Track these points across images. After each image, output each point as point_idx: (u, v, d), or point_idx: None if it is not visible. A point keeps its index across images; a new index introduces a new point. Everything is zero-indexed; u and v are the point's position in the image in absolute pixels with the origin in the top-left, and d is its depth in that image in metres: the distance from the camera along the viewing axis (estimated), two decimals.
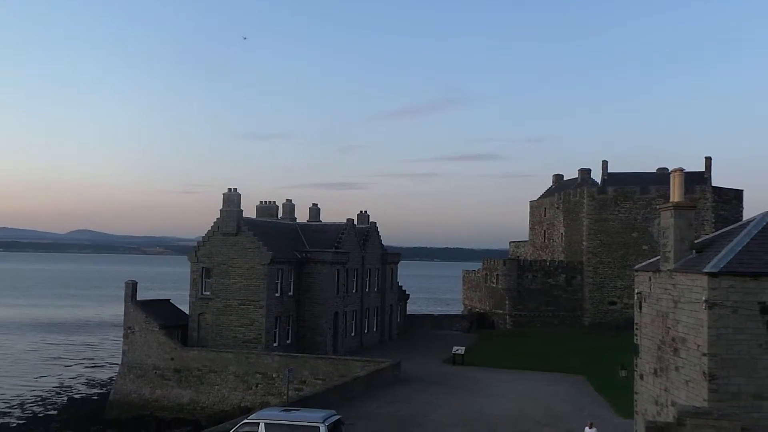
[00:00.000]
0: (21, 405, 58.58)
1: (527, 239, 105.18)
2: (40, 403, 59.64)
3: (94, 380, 70.59)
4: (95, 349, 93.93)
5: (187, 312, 58.48)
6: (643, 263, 27.69)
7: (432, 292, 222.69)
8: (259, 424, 27.51)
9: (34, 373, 74.22)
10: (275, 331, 56.98)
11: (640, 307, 26.39)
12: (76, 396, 62.17)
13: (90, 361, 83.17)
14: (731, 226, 24.91)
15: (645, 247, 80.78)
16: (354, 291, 66.79)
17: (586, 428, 31.22)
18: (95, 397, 61.21)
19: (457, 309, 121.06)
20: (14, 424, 52.06)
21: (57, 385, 67.88)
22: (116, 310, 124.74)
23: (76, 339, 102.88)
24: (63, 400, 60.22)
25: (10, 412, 56.21)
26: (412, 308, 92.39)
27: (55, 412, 55.79)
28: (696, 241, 23.98)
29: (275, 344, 56.51)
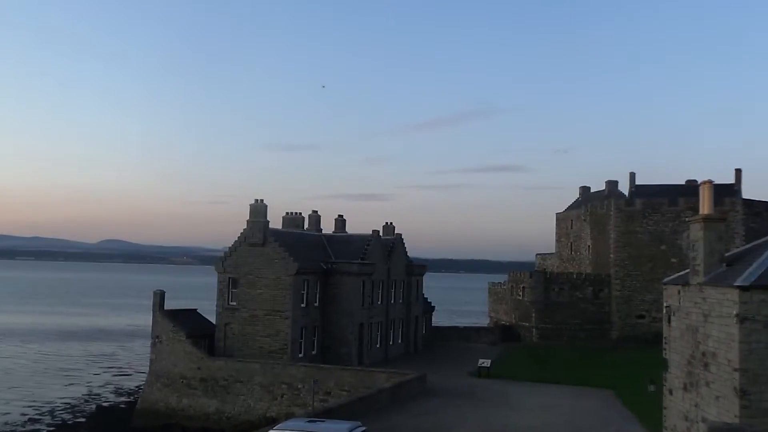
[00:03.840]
0: (51, 412, 59.35)
1: (554, 251, 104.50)
2: (69, 410, 60.38)
3: (121, 388, 71.32)
4: (123, 357, 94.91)
5: (214, 322, 58.91)
6: (672, 276, 27.41)
7: (458, 305, 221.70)
8: None
9: (63, 380, 75.19)
10: (301, 342, 57.14)
11: (669, 321, 26.10)
12: (104, 404, 62.84)
13: (118, 370, 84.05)
14: (762, 240, 24.58)
15: (674, 260, 79.76)
16: (379, 302, 66.80)
17: None
18: (123, 406, 61.82)
19: (482, 321, 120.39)
20: (44, 431, 52.78)
21: (86, 392, 68.68)
22: (143, 320, 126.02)
23: (103, 347, 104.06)
24: (91, 408, 60.91)
25: (40, 419, 56.98)
26: (437, 320, 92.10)
27: (83, 420, 56.49)
28: (726, 255, 23.71)
29: (301, 355, 56.67)
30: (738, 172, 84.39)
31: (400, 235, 73.74)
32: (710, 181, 24.30)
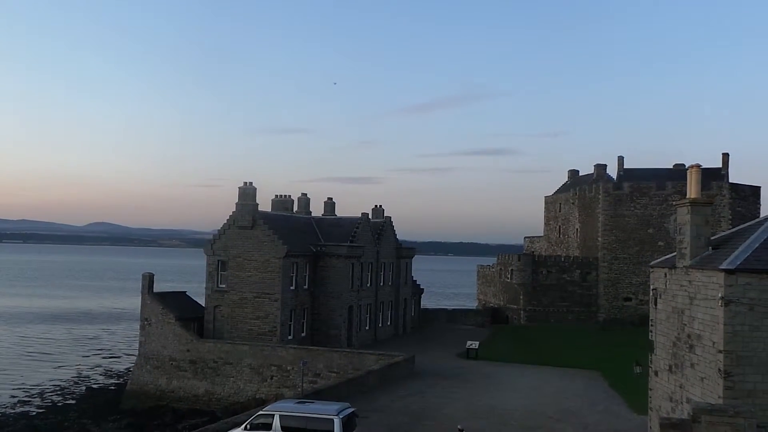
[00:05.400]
0: (41, 394, 59.39)
1: (542, 234, 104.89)
2: (58, 392, 60.43)
3: (111, 371, 71.36)
4: (112, 340, 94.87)
5: (203, 304, 58.95)
6: (659, 260, 27.64)
7: (446, 287, 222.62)
8: (274, 415, 27.77)
9: (51, 363, 75.12)
10: (290, 324, 57.30)
11: (656, 304, 26.37)
12: (94, 386, 62.91)
13: (107, 352, 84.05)
14: (748, 223, 24.82)
15: (661, 243, 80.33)
16: (368, 285, 66.98)
17: None
18: (112, 387, 61.92)
19: (471, 304, 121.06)
20: (34, 413, 52.83)
21: (75, 374, 68.71)
22: (129, 302, 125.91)
23: (93, 330, 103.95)
24: (81, 390, 60.98)
25: (29, 400, 57.02)
26: (426, 302, 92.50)
27: (73, 402, 56.56)
28: (712, 238, 23.93)
29: (290, 337, 56.85)
30: (725, 156, 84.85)
31: (389, 218, 73.81)
32: (698, 166, 24.43)
